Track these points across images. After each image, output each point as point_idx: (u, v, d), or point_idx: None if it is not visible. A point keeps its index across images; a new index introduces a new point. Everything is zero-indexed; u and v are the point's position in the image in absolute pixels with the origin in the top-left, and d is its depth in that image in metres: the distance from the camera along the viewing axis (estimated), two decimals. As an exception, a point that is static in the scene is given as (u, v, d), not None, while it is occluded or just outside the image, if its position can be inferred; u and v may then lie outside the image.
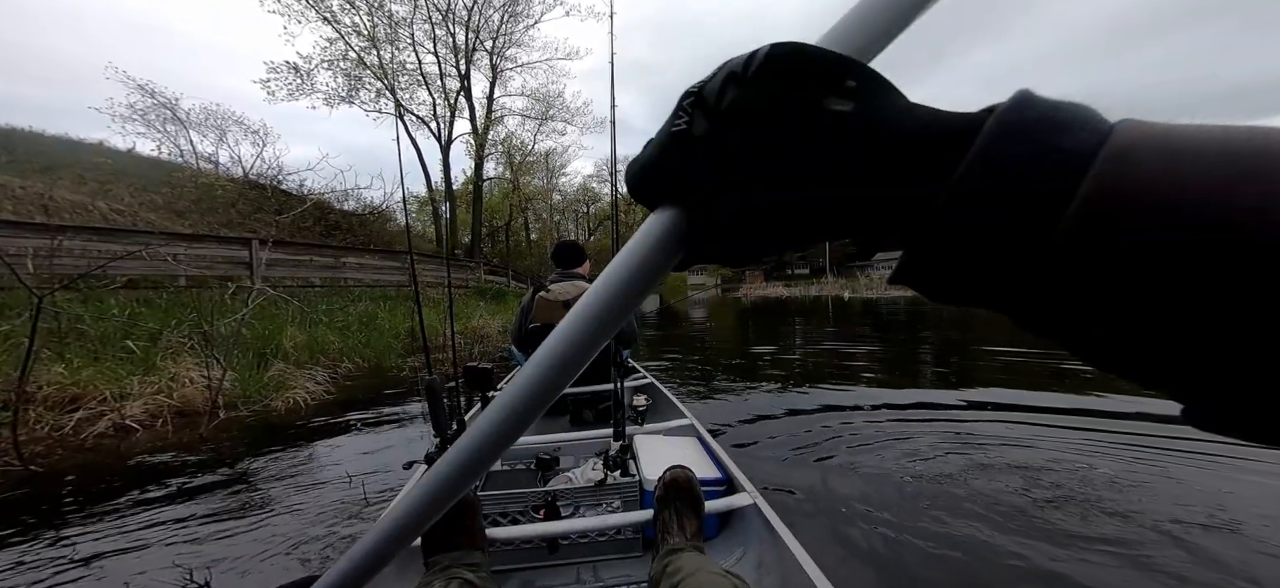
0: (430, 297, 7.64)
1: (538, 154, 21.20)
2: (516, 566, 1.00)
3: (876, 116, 0.14)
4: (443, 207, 17.74)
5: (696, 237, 0.17)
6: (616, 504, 1.11)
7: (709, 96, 0.16)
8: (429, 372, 1.22)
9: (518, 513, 1.10)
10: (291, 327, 4.26)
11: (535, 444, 1.39)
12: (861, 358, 4.68)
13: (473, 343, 5.33)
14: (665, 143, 0.17)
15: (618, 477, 1.14)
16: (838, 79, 0.14)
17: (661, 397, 2.03)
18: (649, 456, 1.21)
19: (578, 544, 1.02)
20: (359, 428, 2.62)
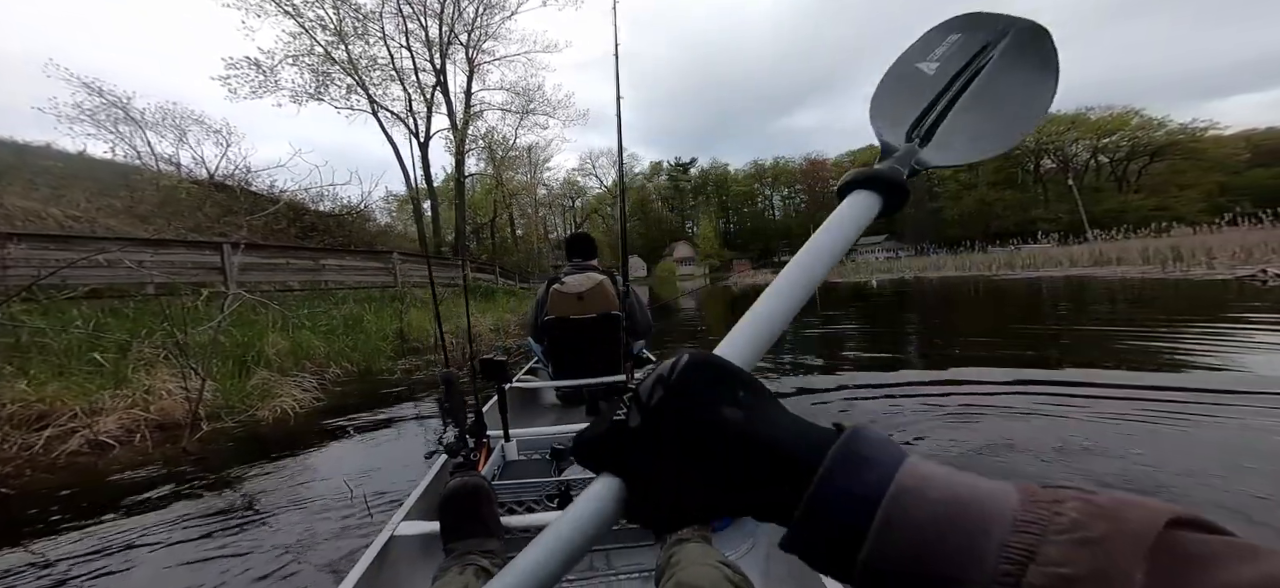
0: (418, 297, 7.46)
1: (520, 149, 20.81)
2: None
3: (758, 428, 0.20)
4: (424, 204, 17.32)
5: (632, 503, 0.21)
6: None
7: (643, 395, 0.21)
8: (446, 365, 1.26)
9: (533, 502, 1.12)
10: (273, 332, 4.09)
11: (551, 434, 1.39)
12: (861, 340, 4.76)
13: (465, 342, 5.21)
14: (608, 428, 0.22)
15: None
16: (732, 390, 0.20)
17: None
18: None
19: None
20: (353, 434, 2.53)
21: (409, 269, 8.87)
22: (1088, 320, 4.89)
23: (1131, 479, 1.54)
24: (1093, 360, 3.07)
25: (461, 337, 5.44)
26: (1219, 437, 1.78)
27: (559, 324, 1.96)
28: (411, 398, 3.38)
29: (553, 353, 2.03)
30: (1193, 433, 1.82)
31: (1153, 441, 1.77)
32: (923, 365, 3.43)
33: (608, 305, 1.94)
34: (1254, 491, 1.45)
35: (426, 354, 5.15)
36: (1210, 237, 11.31)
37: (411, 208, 17.70)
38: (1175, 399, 2.16)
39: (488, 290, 11.02)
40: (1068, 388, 2.46)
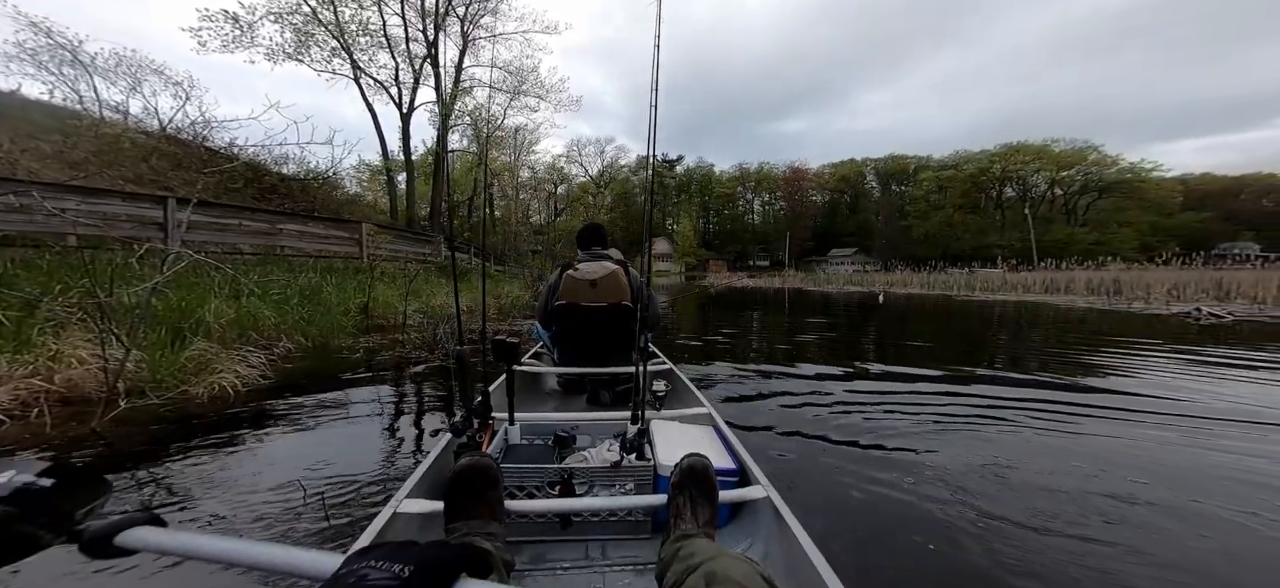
0: (387, 270, 7.02)
1: (507, 129, 20.10)
2: (530, 538, 1.03)
3: None
4: (399, 177, 16.46)
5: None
6: (630, 487, 1.12)
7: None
8: (459, 343, 1.27)
9: (534, 488, 1.11)
10: (217, 298, 3.68)
11: (555, 421, 1.40)
12: (845, 345, 4.80)
13: (437, 321, 4.90)
14: None
15: (633, 460, 1.14)
16: None
17: (680, 384, 2.01)
18: (665, 441, 1.22)
19: (589, 522, 1.04)
20: (306, 421, 2.27)
21: (381, 242, 8.34)
22: (1052, 343, 5.13)
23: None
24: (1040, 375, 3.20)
25: (445, 318, 5.14)
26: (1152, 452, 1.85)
27: (569, 311, 1.93)
28: (374, 380, 3.12)
29: (560, 339, 2.01)
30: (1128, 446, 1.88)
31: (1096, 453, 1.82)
32: (941, 375, 3.45)
33: (620, 295, 1.91)
34: (1113, 489, 1.62)
35: (392, 333, 4.82)
36: (1145, 273, 12.22)
37: (384, 179, 16.79)
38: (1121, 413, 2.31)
39: (463, 271, 10.58)
40: (1023, 400, 2.57)
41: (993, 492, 1.61)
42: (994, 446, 2.04)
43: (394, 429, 2.19)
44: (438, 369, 3.41)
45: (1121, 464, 1.84)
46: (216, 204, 6.36)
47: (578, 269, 1.94)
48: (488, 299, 7.29)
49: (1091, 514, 1.49)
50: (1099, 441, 2.11)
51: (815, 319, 7.90)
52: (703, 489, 0.88)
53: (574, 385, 2.05)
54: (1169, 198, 45.08)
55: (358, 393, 2.78)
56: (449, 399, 2.73)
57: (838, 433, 2.11)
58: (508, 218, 21.37)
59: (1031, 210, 45.91)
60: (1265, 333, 5.34)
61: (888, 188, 58.41)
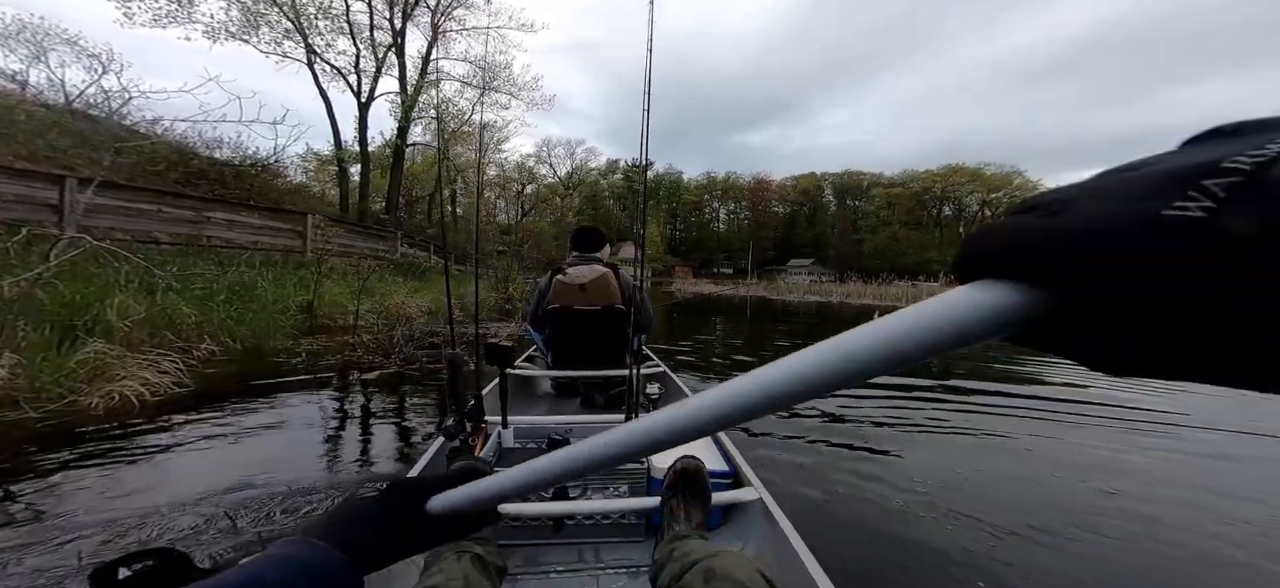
0: (337, 267, 6.46)
1: (474, 125, 19.34)
2: (523, 541, 1.02)
3: None
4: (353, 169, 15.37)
5: (1070, 326, 0.13)
6: (623, 489, 1.12)
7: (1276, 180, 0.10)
8: (452, 346, 1.28)
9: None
10: (124, 293, 3.19)
11: (548, 424, 1.39)
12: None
13: (393, 324, 4.55)
14: (1141, 231, 0.11)
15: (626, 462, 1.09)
16: None
17: (673, 386, 2.04)
18: None
19: (583, 525, 1.05)
20: (227, 433, 1.98)
21: (330, 236, 7.68)
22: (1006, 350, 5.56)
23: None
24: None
25: (402, 321, 4.77)
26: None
27: (563, 314, 1.93)
28: (315, 386, 2.81)
29: (553, 342, 2.00)
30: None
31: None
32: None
33: (611, 299, 1.91)
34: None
35: (341, 335, 4.42)
36: None
37: (335, 169, 15.62)
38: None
39: (423, 269, 9.97)
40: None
41: (975, 491, 1.65)
42: (977, 447, 2.13)
43: (335, 444, 1.95)
44: (394, 378, 3.13)
45: (1113, 471, 1.93)
46: (129, 187, 5.59)
47: (567, 273, 1.93)
48: (452, 300, 6.93)
49: (1077, 517, 1.54)
50: (1077, 446, 2.25)
51: (782, 325, 8.14)
52: (695, 491, 0.87)
53: (568, 389, 2.05)
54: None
55: (295, 402, 2.49)
56: (400, 409, 2.52)
57: (827, 434, 2.12)
58: (470, 215, 20.53)
59: (965, 229, 50.32)
60: None
61: (843, 202, 61.95)
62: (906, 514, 1.48)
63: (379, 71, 14.78)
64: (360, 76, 14.57)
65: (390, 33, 14.44)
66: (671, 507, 0.86)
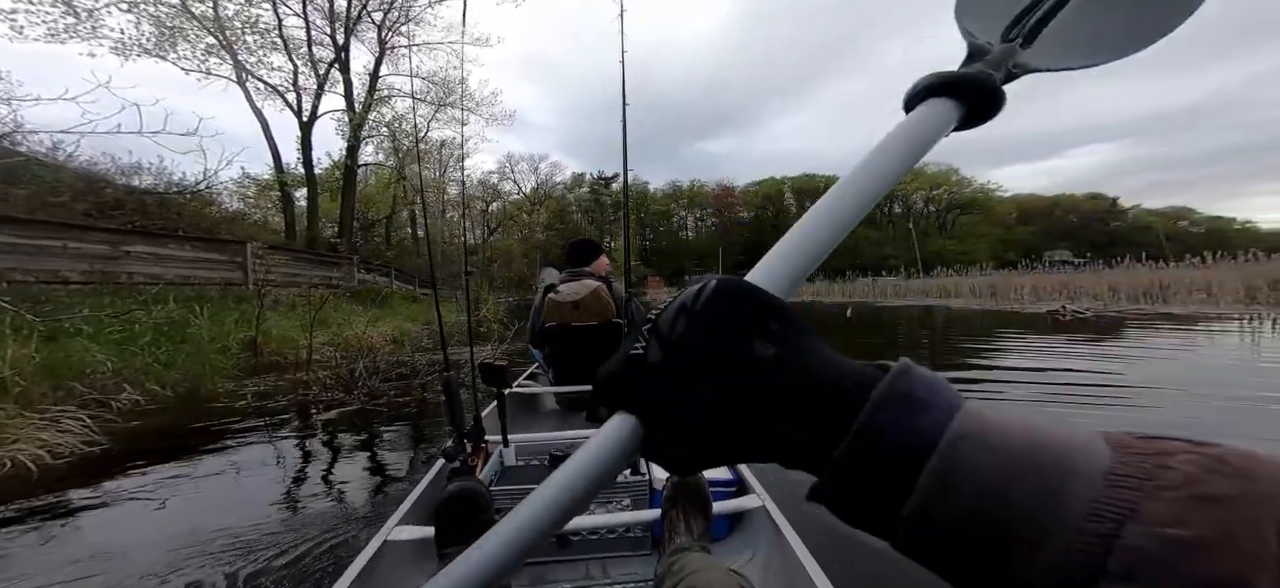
0: (284, 298, 5.91)
1: (431, 143, 18.68)
2: (528, 560, 1.00)
3: (792, 363, 0.17)
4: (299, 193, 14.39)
5: (650, 442, 0.19)
6: (626, 503, 1.12)
7: (663, 326, 0.19)
8: (447, 369, 1.25)
9: None
10: (14, 343, 2.71)
11: (549, 440, 1.38)
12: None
13: (354, 356, 4.16)
14: (626, 361, 0.20)
15: (628, 476, 1.14)
16: (765, 321, 0.18)
17: None
18: None
19: (588, 541, 1.03)
20: (156, 497, 1.66)
21: (272, 265, 7.03)
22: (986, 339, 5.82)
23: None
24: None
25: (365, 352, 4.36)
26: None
27: (560, 331, 1.95)
28: (266, 430, 2.47)
29: (554, 359, 2.01)
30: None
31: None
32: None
33: (605, 312, 1.92)
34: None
35: (293, 372, 3.99)
36: (1011, 278, 14.61)
37: (277, 194, 14.55)
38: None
39: (382, 295, 9.35)
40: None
41: None
42: None
43: (289, 495, 1.69)
44: (356, 415, 2.82)
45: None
46: (27, 221, 4.87)
47: (559, 291, 1.93)
48: (410, 325, 6.57)
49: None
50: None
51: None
52: (695, 501, 0.87)
53: (573, 404, 2.06)
54: (1007, 214, 55.82)
55: (241, 450, 2.16)
56: (367, 447, 2.27)
57: None
58: (433, 237, 19.70)
59: (914, 226, 53.87)
60: (1117, 322, 6.54)
61: (803, 205, 64.72)
62: None
63: (321, 89, 13.97)
64: (300, 94, 13.71)
65: (332, 48, 13.69)
66: (672, 519, 0.86)
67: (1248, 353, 4.08)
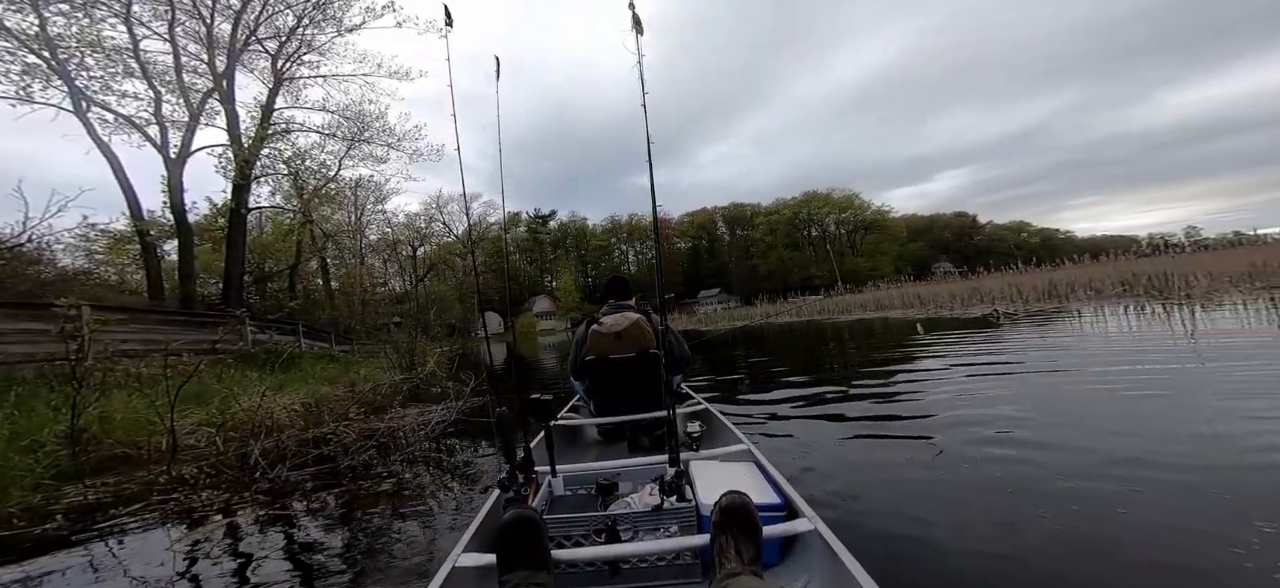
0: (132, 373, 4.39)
1: (342, 182, 16.70)
2: (581, 587, 1.04)
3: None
4: (169, 244, 11.84)
5: None
6: (674, 529, 1.11)
7: None
8: (499, 406, 1.32)
9: (581, 536, 1.11)
10: None
11: (595, 470, 1.42)
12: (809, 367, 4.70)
13: (247, 437, 3.08)
14: None
15: (674, 502, 1.14)
16: None
17: (717, 422, 2.04)
18: (705, 481, 1.23)
19: (638, 568, 1.03)
20: None
21: (113, 329, 5.35)
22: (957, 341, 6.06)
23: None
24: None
25: (264, 434, 3.22)
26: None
27: (599, 363, 2.02)
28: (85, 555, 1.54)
29: (594, 391, 2.08)
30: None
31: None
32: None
33: (645, 343, 1.97)
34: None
35: (145, 466, 2.82)
36: (929, 287, 16.18)
37: (137, 248, 11.82)
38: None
39: (287, 356, 7.65)
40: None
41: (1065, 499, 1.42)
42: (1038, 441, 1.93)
43: None
44: (265, 520, 1.93)
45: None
46: None
47: (603, 323, 2.02)
48: (327, 389, 5.24)
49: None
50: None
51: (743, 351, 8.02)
52: (744, 526, 0.87)
53: (613, 434, 2.10)
54: (900, 233, 64.43)
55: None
56: (274, 571, 1.45)
57: (884, 458, 1.95)
58: (351, 287, 17.37)
59: (831, 247, 59.80)
60: (1044, 318, 7.16)
61: (734, 232, 69.00)
62: (971, 531, 1.31)
63: (196, 121, 11.80)
64: (165, 127, 11.40)
65: (211, 77, 11.78)
66: (721, 544, 0.86)
67: (1133, 329, 4.76)
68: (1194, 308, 5.66)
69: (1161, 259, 10.86)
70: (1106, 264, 11.76)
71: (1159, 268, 8.51)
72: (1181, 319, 4.90)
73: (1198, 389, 2.38)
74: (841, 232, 66.04)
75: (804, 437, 2.38)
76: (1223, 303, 5.85)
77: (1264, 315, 4.63)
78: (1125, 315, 5.79)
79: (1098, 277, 9.31)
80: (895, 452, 2.03)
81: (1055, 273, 11.79)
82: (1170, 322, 4.85)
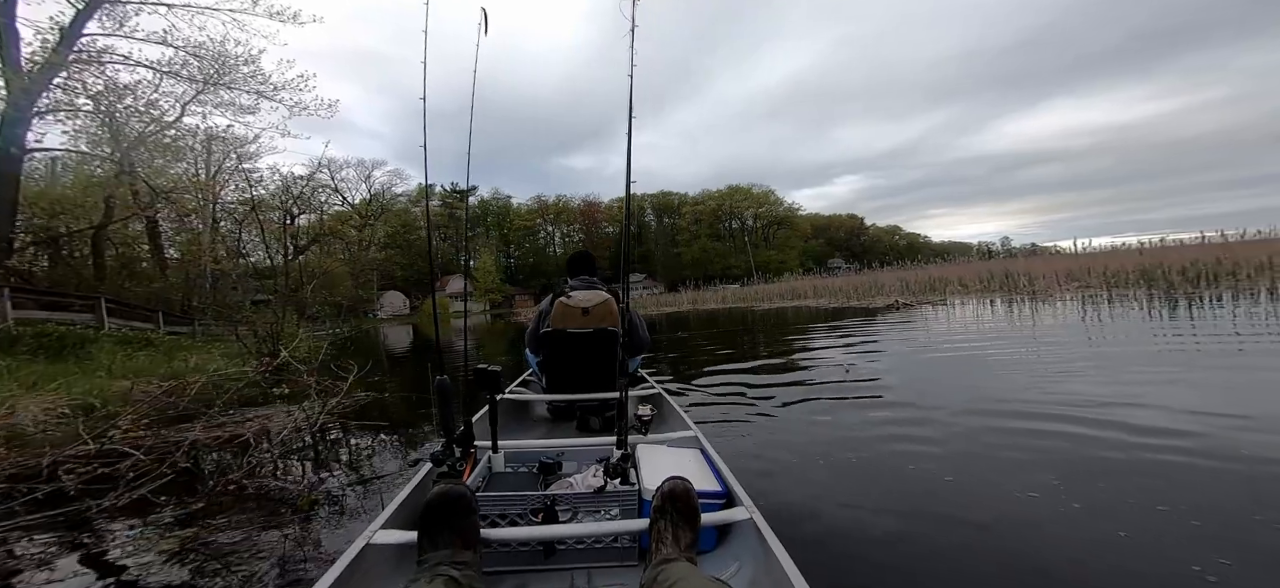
0: None
1: (184, 130, 12.99)
2: (511, 568, 1.03)
3: None
4: None
5: None
6: (615, 512, 1.12)
7: None
8: (441, 373, 1.29)
9: (516, 515, 1.09)
10: None
11: (540, 448, 1.40)
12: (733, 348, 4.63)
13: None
14: None
15: (618, 485, 1.14)
16: None
17: (667, 407, 2.04)
18: (650, 465, 1.24)
19: (574, 550, 1.03)
20: None
21: None
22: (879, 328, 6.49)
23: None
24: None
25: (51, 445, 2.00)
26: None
27: (557, 337, 1.95)
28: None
29: (548, 366, 2.02)
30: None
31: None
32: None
33: (610, 321, 1.94)
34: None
35: None
36: (838, 280, 17.95)
37: None
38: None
39: (66, 338, 5.53)
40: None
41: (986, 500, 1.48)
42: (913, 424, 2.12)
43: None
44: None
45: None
46: None
47: (571, 296, 1.96)
48: (126, 383, 3.77)
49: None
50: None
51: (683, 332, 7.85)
52: (684, 513, 0.88)
53: (564, 412, 2.06)
54: (806, 230, 71.70)
55: None
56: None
57: (824, 451, 1.97)
58: (195, 256, 13.80)
59: (749, 239, 64.21)
60: (927, 305, 8.38)
61: (661, 220, 70.38)
62: (903, 530, 1.34)
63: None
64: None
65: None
66: (660, 529, 0.86)
67: (998, 316, 5.95)
68: (1034, 303, 7.00)
69: (1006, 261, 13.41)
70: (977, 264, 14.22)
71: (1005, 269, 10.49)
72: (1025, 310, 6.03)
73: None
74: (758, 226, 71.11)
75: (750, 419, 2.47)
76: (1054, 299, 7.30)
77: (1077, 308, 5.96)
78: (989, 306, 6.94)
79: (966, 275, 11.24)
80: (828, 425, 2.23)
81: (934, 271, 13.89)
82: (1013, 312, 6.05)
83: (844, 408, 2.49)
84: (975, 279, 10.51)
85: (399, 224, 43.94)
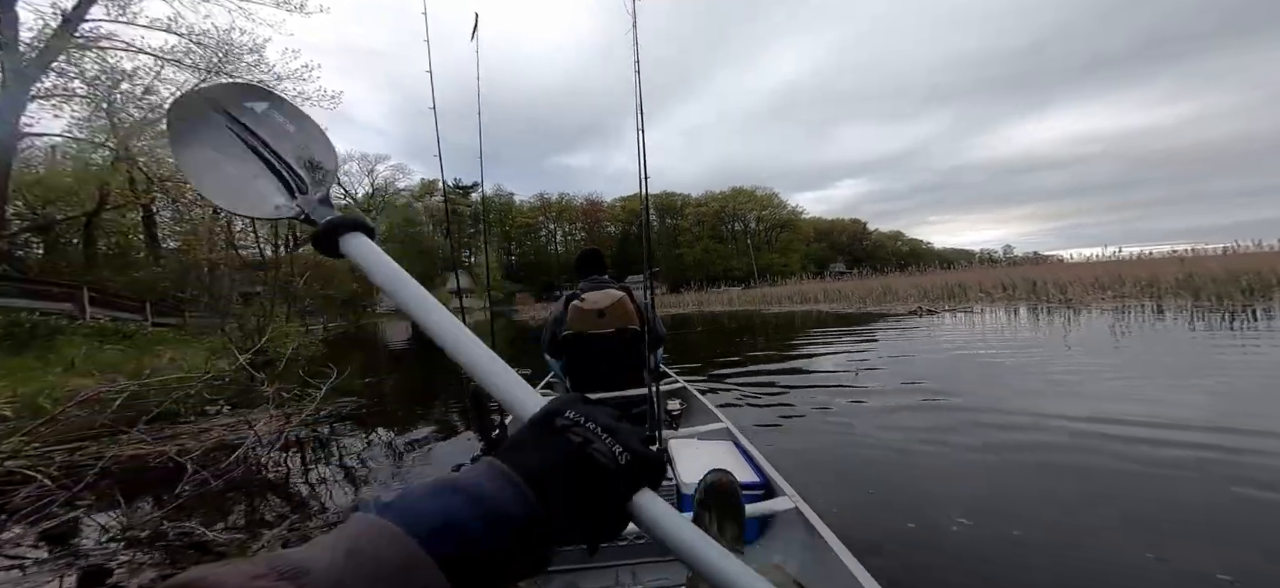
0: None
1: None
2: (559, 568, 1.03)
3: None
4: None
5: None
6: None
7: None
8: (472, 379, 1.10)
9: None
10: None
11: None
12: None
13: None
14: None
15: None
16: None
17: (695, 400, 2.09)
18: (685, 459, 1.29)
19: (617, 547, 1.04)
20: None
21: None
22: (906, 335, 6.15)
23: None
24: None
25: None
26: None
27: (578, 340, 2.01)
28: None
29: (570, 369, 2.07)
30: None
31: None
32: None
33: (628, 320, 1.95)
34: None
35: None
36: (847, 284, 17.49)
37: None
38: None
39: (45, 329, 5.20)
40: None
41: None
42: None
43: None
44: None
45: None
46: None
47: (584, 299, 1.97)
48: (90, 381, 3.43)
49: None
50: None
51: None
52: (728, 506, 0.88)
53: None
54: (809, 233, 70.97)
55: None
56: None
57: (864, 439, 2.02)
58: (191, 248, 13.48)
59: (752, 241, 63.69)
60: (958, 316, 7.89)
61: (664, 220, 69.84)
62: (948, 506, 1.36)
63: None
64: None
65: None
66: (704, 523, 0.86)
67: (1021, 324, 5.65)
68: (1064, 310, 6.68)
69: (1026, 268, 13.04)
70: (996, 270, 13.82)
71: (1030, 276, 10.10)
72: (1058, 318, 5.85)
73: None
74: (760, 228, 70.55)
75: (782, 417, 2.48)
76: (1090, 306, 7.04)
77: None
78: (1014, 314, 6.63)
79: (986, 281, 10.80)
80: (867, 425, 2.26)
81: (950, 276, 13.47)
82: (1041, 320, 5.93)
83: (896, 413, 2.27)
84: (996, 286, 10.10)
85: (401, 219, 43.64)
